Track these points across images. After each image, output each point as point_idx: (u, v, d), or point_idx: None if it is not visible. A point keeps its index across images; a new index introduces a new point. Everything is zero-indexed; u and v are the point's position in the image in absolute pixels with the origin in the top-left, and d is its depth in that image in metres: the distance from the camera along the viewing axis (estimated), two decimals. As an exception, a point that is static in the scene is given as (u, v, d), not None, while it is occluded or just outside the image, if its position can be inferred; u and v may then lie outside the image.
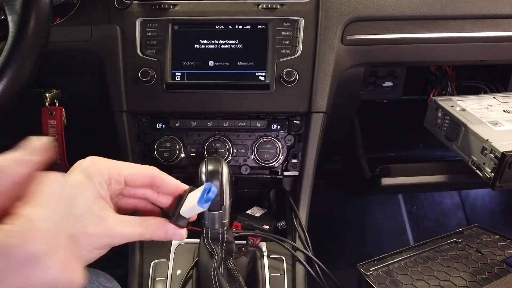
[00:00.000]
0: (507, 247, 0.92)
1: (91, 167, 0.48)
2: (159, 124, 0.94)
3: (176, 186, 0.53)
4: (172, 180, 0.53)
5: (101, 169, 0.48)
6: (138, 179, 0.51)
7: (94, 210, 0.46)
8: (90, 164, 0.48)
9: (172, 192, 0.53)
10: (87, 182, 0.47)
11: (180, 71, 0.90)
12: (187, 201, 0.51)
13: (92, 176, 0.47)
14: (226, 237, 0.76)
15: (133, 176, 0.50)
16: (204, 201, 0.48)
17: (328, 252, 0.90)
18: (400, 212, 1.72)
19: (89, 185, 0.47)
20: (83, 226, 0.45)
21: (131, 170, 0.50)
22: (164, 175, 0.52)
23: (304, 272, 0.81)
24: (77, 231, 0.44)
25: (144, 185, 0.52)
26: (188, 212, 0.50)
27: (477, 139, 0.90)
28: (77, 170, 0.47)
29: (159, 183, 0.52)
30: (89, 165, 0.48)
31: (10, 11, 0.65)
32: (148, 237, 0.49)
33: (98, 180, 0.47)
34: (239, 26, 0.89)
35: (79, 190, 0.46)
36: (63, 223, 0.39)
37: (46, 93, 0.90)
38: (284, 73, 0.86)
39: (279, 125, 0.93)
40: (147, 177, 0.51)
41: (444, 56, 0.96)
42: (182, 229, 0.51)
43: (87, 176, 0.47)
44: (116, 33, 0.89)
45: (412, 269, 0.84)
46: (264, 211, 0.97)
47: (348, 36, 0.91)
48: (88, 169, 0.48)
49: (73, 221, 0.43)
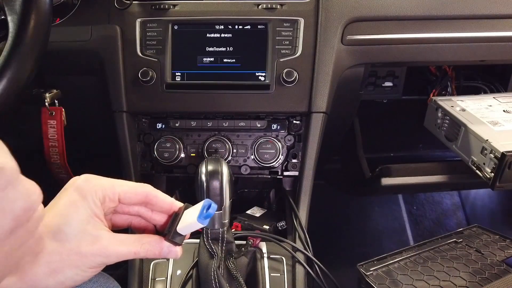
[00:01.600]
0: (507, 247, 0.92)
1: (85, 186, 0.48)
2: (159, 124, 0.94)
3: (170, 204, 0.52)
4: (166, 198, 0.52)
5: (95, 187, 0.48)
6: (133, 197, 0.51)
7: (88, 229, 0.46)
8: (84, 183, 0.48)
9: (166, 209, 0.52)
10: (81, 200, 0.47)
11: (180, 71, 0.90)
12: (184, 218, 0.50)
13: (86, 194, 0.47)
14: (226, 237, 0.76)
15: (127, 194, 0.50)
16: (204, 217, 0.48)
17: (328, 252, 0.90)
18: (400, 212, 1.72)
19: (83, 203, 0.47)
20: (77, 245, 0.45)
21: (125, 188, 0.50)
22: (158, 192, 0.52)
23: (304, 272, 0.81)
24: (71, 251, 0.45)
25: (138, 203, 0.52)
26: (185, 229, 0.50)
27: (477, 139, 0.90)
28: (71, 189, 0.48)
29: (153, 200, 0.52)
30: (83, 184, 0.48)
31: (10, 11, 0.65)
32: (143, 255, 0.49)
33: (92, 199, 0.47)
34: (239, 26, 0.89)
35: (72, 209, 0.46)
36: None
37: (46, 93, 0.90)
38: (284, 73, 0.86)
39: (279, 125, 0.93)
40: (141, 195, 0.51)
41: (444, 56, 0.96)
42: (177, 246, 0.51)
43: (81, 195, 0.47)
44: (116, 33, 0.89)
45: (412, 269, 0.84)
46: (264, 211, 0.97)
47: (348, 36, 0.91)
48: (82, 187, 0.48)
49: (65, 240, 0.44)
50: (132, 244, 0.48)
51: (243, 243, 0.81)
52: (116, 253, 0.47)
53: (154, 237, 0.50)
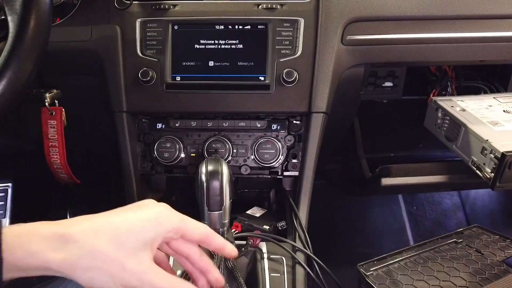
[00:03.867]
0: (507, 247, 0.92)
1: (165, 215, 0.51)
2: (159, 124, 0.94)
3: (223, 245, 0.57)
4: (220, 239, 0.56)
5: (172, 219, 0.51)
6: (195, 235, 0.54)
7: (142, 251, 0.48)
8: (166, 211, 0.52)
9: (219, 248, 0.56)
10: (155, 225, 0.50)
11: (180, 71, 0.90)
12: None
13: (161, 222, 0.50)
14: (226, 237, 0.76)
15: (191, 231, 0.53)
16: None
17: (328, 252, 0.90)
18: (400, 212, 1.72)
19: (155, 228, 0.49)
20: (125, 258, 0.47)
21: (192, 225, 0.54)
22: (215, 235, 0.56)
23: (304, 273, 0.81)
24: (117, 260, 0.47)
25: (196, 240, 0.55)
26: None
27: (477, 139, 0.90)
28: (151, 211, 0.51)
29: (209, 240, 0.56)
30: (165, 212, 0.51)
31: (10, 11, 0.65)
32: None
33: (165, 228, 0.50)
34: (239, 26, 0.89)
35: (143, 228, 0.49)
36: None
37: (46, 93, 0.90)
38: (284, 73, 0.86)
39: (279, 125, 0.93)
40: (202, 234, 0.54)
41: (444, 56, 0.96)
42: None
43: (157, 220, 0.50)
44: (116, 33, 0.89)
45: (412, 269, 0.84)
46: (264, 211, 0.97)
47: (348, 36, 0.91)
48: (162, 215, 0.51)
49: (119, 247, 0.47)
50: (169, 282, 0.49)
51: (243, 243, 0.81)
52: (151, 283, 0.48)
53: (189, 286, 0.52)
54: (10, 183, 1.22)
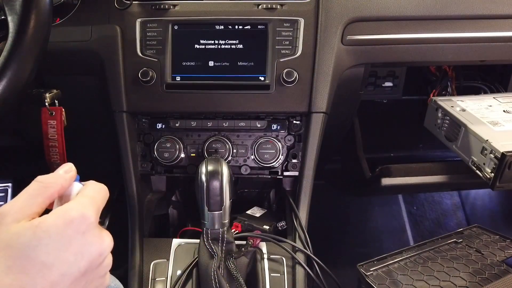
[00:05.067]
0: (507, 247, 0.92)
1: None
2: (159, 124, 0.94)
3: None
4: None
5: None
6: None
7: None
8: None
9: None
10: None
11: (180, 71, 0.90)
12: None
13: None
14: (226, 237, 0.76)
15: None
16: None
17: (328, 252, 0.90)
18: (400, 212, 1.72)
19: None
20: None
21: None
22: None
23: (304, 272, 0.81)
24: None
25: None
26: None
27: (477, 139, 0.90)
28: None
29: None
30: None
31: (10, 11, 0.65)
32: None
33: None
34: (239, 26, 0.89)
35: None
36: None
37: (46, 93, 0.89)
38: (284, 73, 0.86)
39: (279, 125, 0.93)
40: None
41: (444, 56, 0.96)
42: None
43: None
44: (116, 33, 0.89)
45: (412, 269, 0.84)
46: (264, 211, 0.97)
47: (348, 36, 0.91)
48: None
49: None
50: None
51: (243, 243, 0.81)
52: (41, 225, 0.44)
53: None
54: (10, 183, 1.22)
